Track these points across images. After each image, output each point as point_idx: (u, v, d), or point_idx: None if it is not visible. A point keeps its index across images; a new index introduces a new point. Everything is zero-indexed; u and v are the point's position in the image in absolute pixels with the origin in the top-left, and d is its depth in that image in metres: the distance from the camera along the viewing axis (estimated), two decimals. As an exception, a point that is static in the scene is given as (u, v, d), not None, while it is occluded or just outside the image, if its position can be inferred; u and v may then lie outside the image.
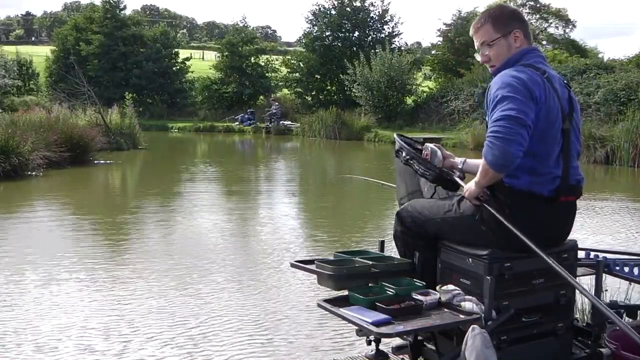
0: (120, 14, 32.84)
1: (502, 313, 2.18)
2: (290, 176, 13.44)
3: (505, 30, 2.32)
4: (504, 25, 2.33)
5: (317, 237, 6.50)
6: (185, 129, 27.20)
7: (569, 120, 2.25)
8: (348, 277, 2.32)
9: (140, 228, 7.06)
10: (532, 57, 2.29)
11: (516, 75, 2.15)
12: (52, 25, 76.40)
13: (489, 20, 2.35)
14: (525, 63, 2.25)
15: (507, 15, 2.36)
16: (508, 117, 2.05)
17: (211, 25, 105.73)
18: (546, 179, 2.20)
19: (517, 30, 2.32)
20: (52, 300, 4.19)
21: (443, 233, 2.40)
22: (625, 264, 2.81)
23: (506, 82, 2.14)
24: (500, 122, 2.06)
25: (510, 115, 2.05)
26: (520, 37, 2.32)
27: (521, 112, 2.06)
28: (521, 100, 2.08)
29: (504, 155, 2.04)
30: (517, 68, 2.21)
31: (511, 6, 2.43)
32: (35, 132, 11.69)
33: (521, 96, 2.09)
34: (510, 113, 2.06)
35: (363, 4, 30.03)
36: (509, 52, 2.31)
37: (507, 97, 2.09)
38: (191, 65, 33.42)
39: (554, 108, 2.19)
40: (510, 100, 2.08)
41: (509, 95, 2.09)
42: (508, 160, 2.05)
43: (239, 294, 4.41)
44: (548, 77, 2.21)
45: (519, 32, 2.32)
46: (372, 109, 23.88)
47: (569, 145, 2.24)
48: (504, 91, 2.11)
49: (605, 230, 6.76)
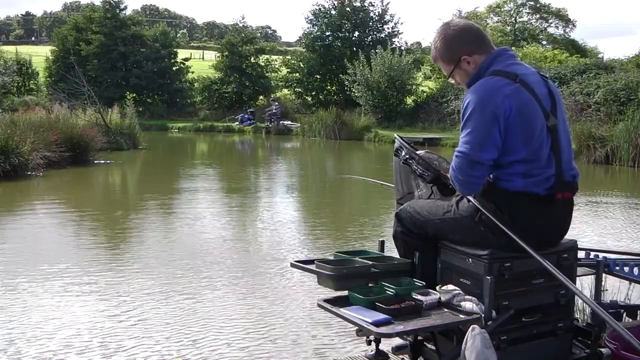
0: (120, 14, 32.84)
1: (502, 313, 2.18)
2: (290, 176, 13.44)
3: (454, 60, 2.30)
4: (451, 56, 2.30)
5: (317, 237, 6.50)
6: (185, 129, 27.20)
7: (554, 115, 2.22)
8: (348, 277, 2.32)
9: (140, 228, 7.06)
10: (500, 62, 2.24)
11: (482, 93, 2.15)
12: (52, 25, 76.35)
13: (438, 57, 2.36)
14: (494, 70, 2.20)
15: (450, 44, 2.30)
16: (463, 155, 2.17)
17: (211, 25, 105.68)
18: (540, 179, 2.19)
19: (464, 56, 2.27)
20: (50, 301, 4.19)
21: (442, 233, 2.40)
22: (625, 264, 2.81)
23: (473, 100, 2.15)
24: (458, 159, 2.19)
25: (465, 153, 2.16)
26: (472, 59, 2.27)
27: (476, 147, 2.14)
28: (479, 130, 2.13)
29: (464, 190, 2.26)
30: (487, 80, 2.18)
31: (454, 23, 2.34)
32: (35, 132, 11.68)
33: (481, 125, 2.13)
34: (465, 150, 2.16)
35: (363, 4, 30.06)
36: (469, 73, 2.30)
37: (469, 123, 2.16)
38: (191, 65, 33.42)
39: (532, 112, 2.16)
40: (471, 130, 2.15)
41: (471, 122, 2.15)
42: (469, 191, 2.25)
43: (238, 294, 4.41)
44: (521, 80, 2.16)
45: (467, 56, 2.27)
46: (372, 109, 23.88)
47: (558, 141, 2.21)
48: (469, 111, 2.16)
49: (605, 230, 6.76)
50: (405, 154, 2.60)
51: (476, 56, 2.27)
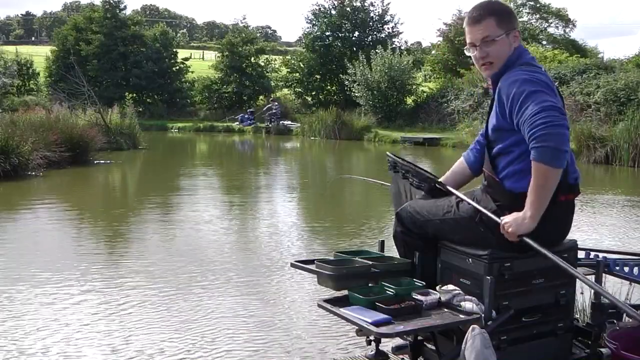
0: (120, 14, 32.84)
1: (502, 313, 2.18)
2: (290, 176, 13.44)
3: (508, 27, 2.24)
4: (507, 22, 2.25)
5: (317, 237, 6.50)
6: (185, 129, 27.19)
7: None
8: (348, 277, 2.32)
9: (140, 228, 7.06)
10: (527, 56, 2.27)
11: (533, 72, 2.13)
12: (52, 25, 76.30)
13: (492, 14, 2.24)
14: (523, 62, 2.23)
15: (509, 13, 2.31)
16: (551, 107, 1.99)
17: (211, 25, 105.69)
18: None
19: (517, 30, 2.28)
20: (49, 302, 4.19)
21: (442, 233, 2.40)
22: (625, 264, 2.81)
23: (528, 79, 2.09)
24: (545, 113, 1.98)
25: (552, 106, 2.00)
26: (518, 37, 2.29)
27: (557, 103, 2.04)
28: (550, 94, 2.06)
29: (563, 142, 1.98)
30: (526, 68, 2.18)
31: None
32: (35, 132, 11.69)
33: (548, 90, 2.08)
34: (550, 104, 2.00)
35: (363, 4, 30.05)
36: (509, 51, 2.25)
37: (538, 92, 2.04)
38: (191, 65, 33.42)
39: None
40: (543, 94, 2.04)
41: (539, 90, 2.05)
42: (566, 147, 1.99)
43: (238, 294, 4.41)
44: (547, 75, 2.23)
45: (518, 32, 2.29)
46: (372, 109, 23.87)
47: None
48: (531, 87, 2.06)
49: (605, 230, 6.76)
50: (401, 168, 2.63)
51: (519, 40, 2.28)
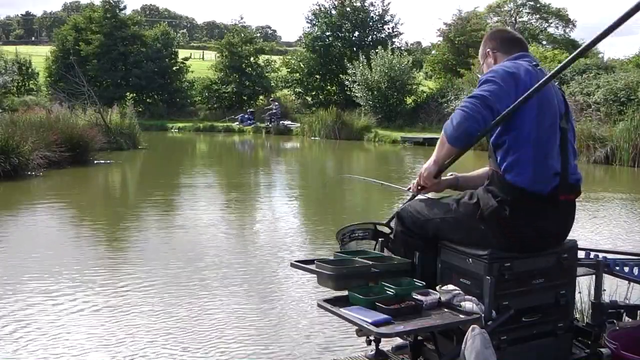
0: (120, 14, 32.82)
1: (502, 313, 2.18)
2: (290, 176, 13.44)
3: (483, 54, 2.52)
4: (482, 50, 2.53)
5: (317, 237, 6.50)
6: (185, 129, 27.18)
7: (565, 119, 2.30)
8: (348, 277, 2.32)
9: (140, 229, 7.06)
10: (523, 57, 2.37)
11: (504, 64, 2.28)
12: (52, 25, 76.31)
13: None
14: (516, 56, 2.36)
15: (483, 42, 2.54)
16: (477, 97, 2.15)
17: (211, 25, 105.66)
18: (547, 175, 2.20)
19: (488, 49, 2.48)
20: (48, 302, 4.19)
21: (443, 233, 2.41)
22: (625, 264, 2.80)
23: (494, 69, 2.28)
24: (468, 100, 2.16)
25: (481, 95, 2.15)
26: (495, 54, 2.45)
27: (493, 94, 2.14)
28: (500, 85, 2.16)
29: (458, 128, 2.15)
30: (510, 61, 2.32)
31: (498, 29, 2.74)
32: (35, 132, 11.67)
33: (501, 82, 2.18)
34: (481, 93, 2.15)
35: (363, 4, 30.04)
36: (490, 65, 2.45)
37: (488, 81, 2.19)
38: (191, 65, 33.40)
39: (549, 95, 2.24)
40: (490, 84, 2.18)
41: (490, 79, 2.21)
42: (461, 134, 2.16)
43: (239, 293, 4.41)
44: (541, 71, 2.29)
45: (489, 50, 2.47)
46: (372, 109, 23.88)
47: (566, 143, 2.28)
48: (488, 75, 2.23)
49: (605, 230, 6.76)
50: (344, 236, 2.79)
51: (499, 54, 2.45)
